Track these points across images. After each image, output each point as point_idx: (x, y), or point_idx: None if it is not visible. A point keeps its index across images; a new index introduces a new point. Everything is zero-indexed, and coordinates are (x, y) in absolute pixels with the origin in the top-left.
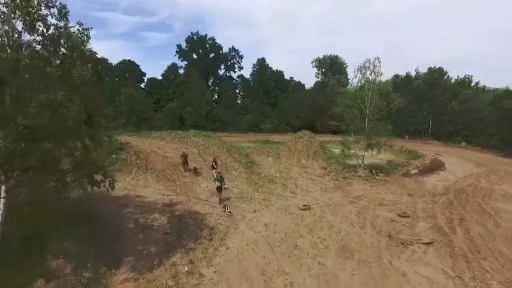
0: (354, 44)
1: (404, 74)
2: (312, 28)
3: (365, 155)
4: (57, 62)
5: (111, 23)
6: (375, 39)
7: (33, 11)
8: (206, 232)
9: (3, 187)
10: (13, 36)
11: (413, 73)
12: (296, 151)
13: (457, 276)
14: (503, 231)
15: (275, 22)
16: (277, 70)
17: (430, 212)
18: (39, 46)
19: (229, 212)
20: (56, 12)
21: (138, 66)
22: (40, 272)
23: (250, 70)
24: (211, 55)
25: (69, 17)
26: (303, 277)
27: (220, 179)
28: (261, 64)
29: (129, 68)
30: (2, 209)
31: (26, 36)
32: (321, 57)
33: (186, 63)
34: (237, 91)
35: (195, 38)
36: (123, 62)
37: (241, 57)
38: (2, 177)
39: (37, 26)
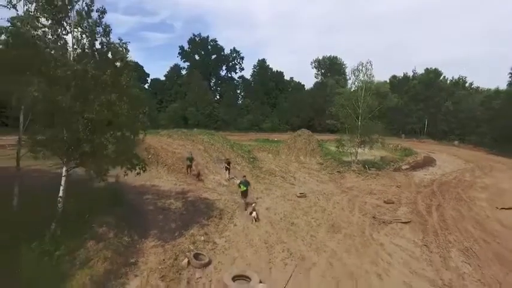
0: (355, 44)
1: (402, 74)
2: (312, 28)
3: (359, 151)
4: (108, 71)
5: (110, 23)
6: (375, 39)
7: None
8: (216, 213)
9: (64, 168)
10: (75, 51)
11: (410, 74)
12: (295, 148)
13: (424, 245)
14: (473, 214)
15: (275, 22)
16: (277, 71)
17: (412, 200)
18: (92, 59)
19: (255, 218)
20: (101, 30)
21: (142, 67)
22: (90, 236)
23: (251, 71)
24: (213, 56)
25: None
26: (298, 245)
27: (246, 183)
28: (262, 65)
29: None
30: (63, 185)
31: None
32: (320, 58)
33: (189, 64)
34: (238, 91)
35: (197, 40)
36: None
37: (242, 58)
38: (65, 160)
39: (96, 45)
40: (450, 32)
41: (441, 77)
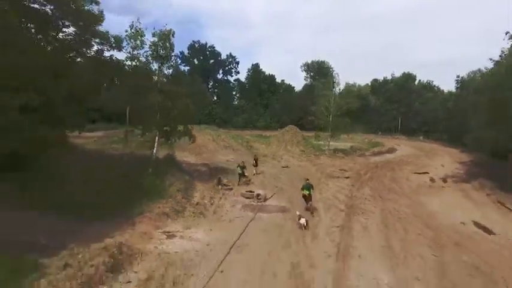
0: (351, 44)
1: (382, 78)
2: (308, 28)
3: (335, 143)
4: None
5: (107, 23)
6: (371, 39)
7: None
8: (230, 172)
9: (157, 137)
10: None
11: (389, 77)
12: (283, 141)
13: (351, 185)
14: (394, 175)
15: (271, 23)
16: (269, 74)
17: (359, 169)
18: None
19: (304, 226)
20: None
21: None
22: (170, 174)
23: (246, 74)
24: (211, 61)
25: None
26: (280, 184)
27: (309, 187)
28: (255, 69)
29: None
30: (156, 147)
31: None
32: (309, 62)
33: (189, 68)
34: (234, 93)
35: (196, 46)
36: None
37: (237, 63)
38: (158, 133)
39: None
40: (446, 31)
41: (416, 81)
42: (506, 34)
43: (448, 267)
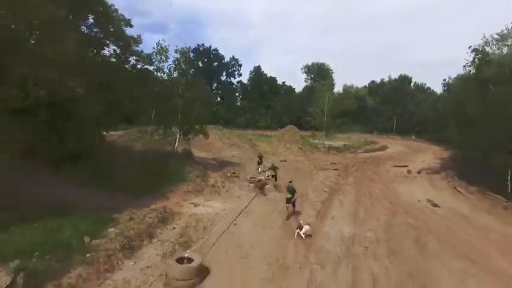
0: (351, 44)
1: (379, 80)
2: (308, 28)
3: (330, 142)
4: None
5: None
6: (371, 39)
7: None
8: (236, 165)
9: (178, 133)
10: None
11: (386, 79)
12: (283, 139)
13: (338, 175)
14: (376, 168)
15: (271, 22)
16: (271, 76)
17: (348, 163)
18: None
19: (304, 234)
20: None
21: None
22: (188, 164)
23: (248, 76)
24: (215, 64)
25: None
26: (280, 173)
27: (293, 190)
28: (257, 71)
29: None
30: (177, 142)
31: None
32: (310, 64)
33: (193, 70)
34: (237, 94)
35: (200, 49)
36: None
37: (240, 65)
38: (179, 130)
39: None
40: (446, 31)
41: (412, 83)
42: (470, 48)
43: (394, 225)
